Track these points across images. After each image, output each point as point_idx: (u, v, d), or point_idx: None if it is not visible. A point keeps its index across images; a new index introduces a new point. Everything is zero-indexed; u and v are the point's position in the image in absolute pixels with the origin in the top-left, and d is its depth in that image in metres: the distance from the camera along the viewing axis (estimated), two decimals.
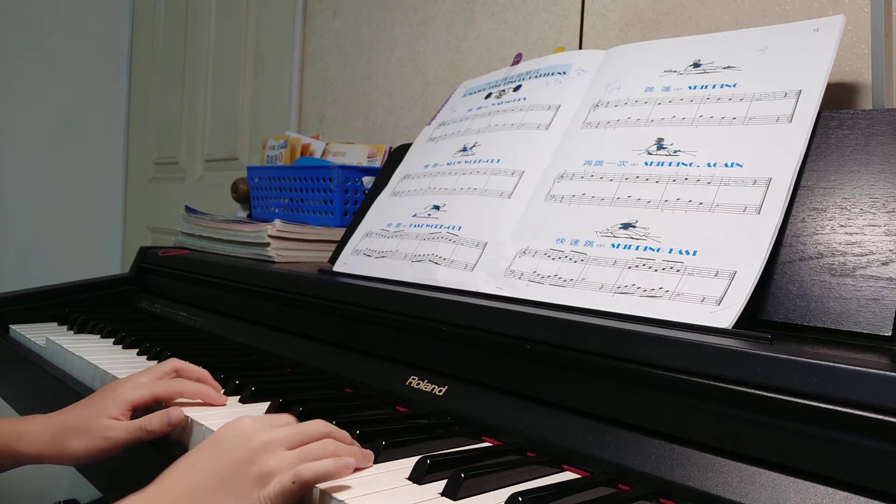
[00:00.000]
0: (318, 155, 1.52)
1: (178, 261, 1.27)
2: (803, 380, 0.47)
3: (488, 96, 1.05)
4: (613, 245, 0.73)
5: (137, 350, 0.99)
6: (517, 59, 1.11)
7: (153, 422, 0.68)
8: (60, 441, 0.69)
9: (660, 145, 0.78)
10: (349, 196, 1.28)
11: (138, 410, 0.71)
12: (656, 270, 0.68)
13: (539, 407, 0.63)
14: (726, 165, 0.72)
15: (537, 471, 0.58)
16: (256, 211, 1.49)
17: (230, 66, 2.17)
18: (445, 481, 0.53)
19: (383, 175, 1.15)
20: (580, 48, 1.18)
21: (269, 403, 0.72)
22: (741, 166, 0.71)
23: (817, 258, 0.65)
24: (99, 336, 1.09)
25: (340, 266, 1.02)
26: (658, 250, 0.70)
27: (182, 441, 0.69)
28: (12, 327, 1.20)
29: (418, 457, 0.56)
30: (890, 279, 0.61)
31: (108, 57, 2.72)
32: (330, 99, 1.78)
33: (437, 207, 0.95)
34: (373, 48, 1.65)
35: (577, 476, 0.58)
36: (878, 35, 0.78)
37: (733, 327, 0.61)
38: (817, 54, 0.73)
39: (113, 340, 1.05)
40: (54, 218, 2.60)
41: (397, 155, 1.16)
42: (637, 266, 0.70)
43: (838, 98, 0.86)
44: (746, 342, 0.55)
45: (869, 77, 0.83)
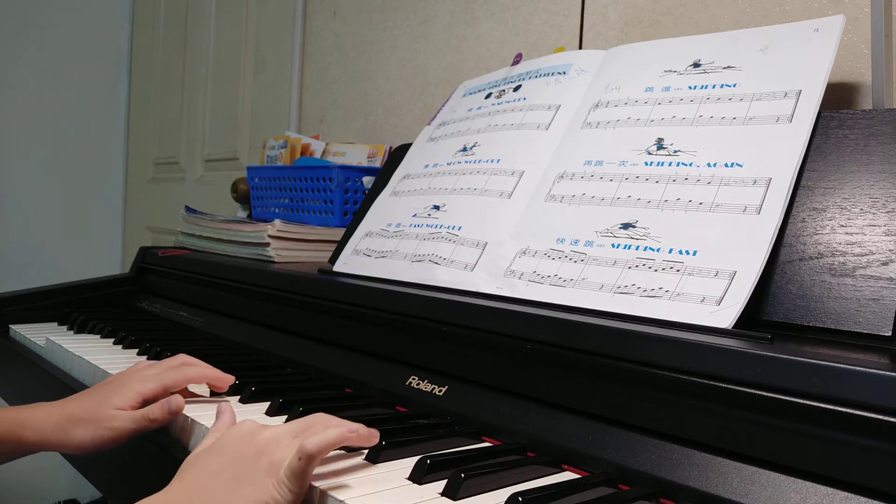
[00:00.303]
0: (318, 155, 1.52)
1: (178, 261, 1.27)
2: (803, 380, 0.47)
3: (488, 96, 1.05)
4: (613, 245, 0.73)
5: (137, 350, 0.99)
6: (517, 59, 1.11)
7: (155, 411, 0.69)
8: (65, 430, 0.69)
9: (660, 145, 0.78)
10: (349, 196, 1.28)
11: (148, 402, 0.71)
12: (656, 270, 0.69)
13: (539, 407, 0.63)
14: (726, 165, 0.72)
15: (537, 471, 0.58)
16: (256, 211, 1.49)
17: (230, 67, 2.17)
18: (445, 481, 0.53)
19: (383, 175, 1.15)
20: (580, 48, 1.18)
21: (269, 403, 0.72)
22: (741, 166, 0.71)
23: (817, 258, 0.65)
24: (99, 336, 1.09)
25: (340, 266, 1.02)
26: (658, 250, 0.70)
27: (182, 440, 0.70)
28: (12, 327, 1.20)
29: (418, 457, 0.56)
30: (890, 279, 0.61)
31: (108, 57, 2.73)
32: (330, 99, 1.78)
33: (437, 207, 0.95)
34: (373, 48, 1.65)
35: (578, 476, 0.58)
36: (878, 35, 0.78)
37: (733, 327, 0.61)
38: (817, 54, 0.73)
39: (113, 340, 1.05)
40: (54, 218, 2.60)
41: (397, 155, 1.16)
42: (637, 266, 0.70)
43: (838, 98, 0.86)
44: (746, 342, 0.55)
45: (869, 77, 0.83)
